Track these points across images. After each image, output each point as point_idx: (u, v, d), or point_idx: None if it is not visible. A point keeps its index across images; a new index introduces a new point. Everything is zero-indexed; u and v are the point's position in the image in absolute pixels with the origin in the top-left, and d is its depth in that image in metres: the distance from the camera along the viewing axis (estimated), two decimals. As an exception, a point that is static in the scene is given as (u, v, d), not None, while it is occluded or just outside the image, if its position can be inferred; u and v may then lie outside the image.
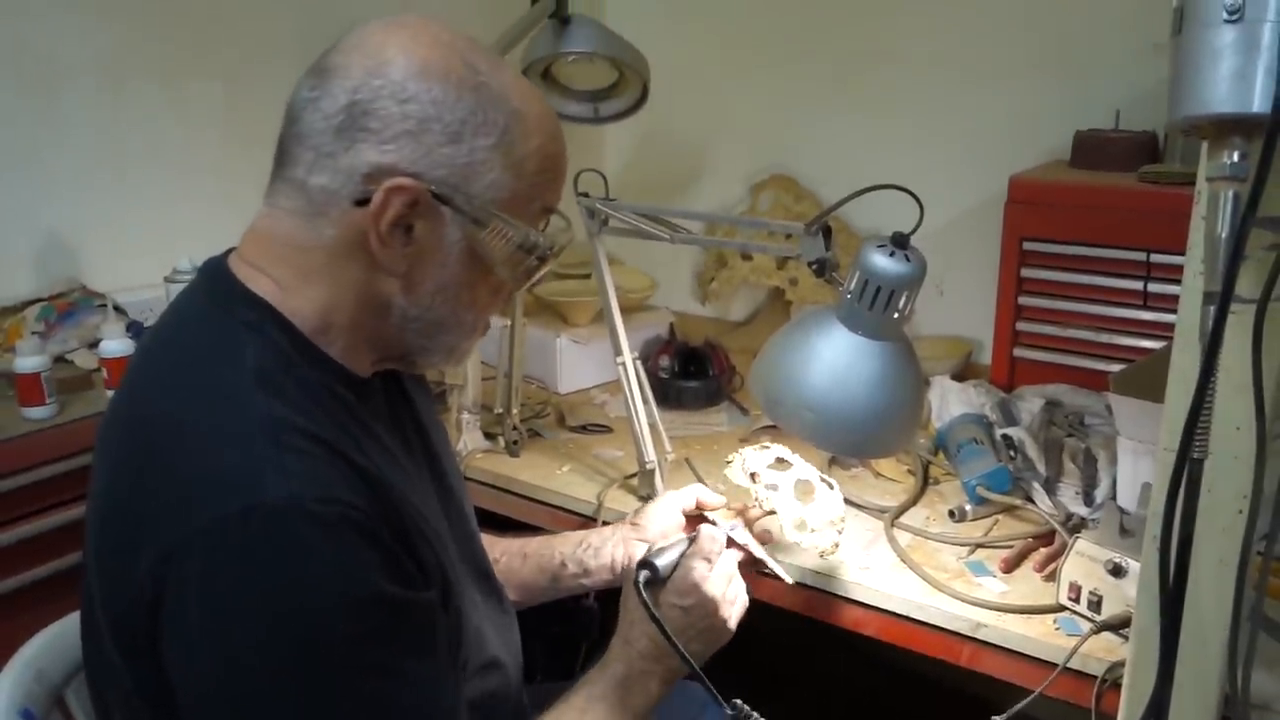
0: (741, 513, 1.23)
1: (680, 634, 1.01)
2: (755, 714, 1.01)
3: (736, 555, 1.13)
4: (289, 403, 0.77)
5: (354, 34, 0.81)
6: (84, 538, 0.84)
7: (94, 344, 1.59)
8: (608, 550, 1.21)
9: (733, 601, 1.08)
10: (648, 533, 1.21)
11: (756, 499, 1.22)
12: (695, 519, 1.23)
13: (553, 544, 1.23)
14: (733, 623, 1.08)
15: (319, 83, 0.79)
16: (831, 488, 1.25)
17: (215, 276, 0.85)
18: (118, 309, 1.65)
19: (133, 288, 1.72)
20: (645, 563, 1.06)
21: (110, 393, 1.47)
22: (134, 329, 1.60)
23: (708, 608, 1.05)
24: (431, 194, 0.79)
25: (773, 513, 1.21)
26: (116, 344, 1.50)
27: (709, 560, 1.07)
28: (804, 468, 1.26)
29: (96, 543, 0.80)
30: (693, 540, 1.10)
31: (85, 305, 1.66)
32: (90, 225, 1.72)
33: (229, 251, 0.87)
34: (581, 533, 1.25)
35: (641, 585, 1.03)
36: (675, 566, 1.07)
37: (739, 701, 1.02)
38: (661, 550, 1.09)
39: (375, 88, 0.78)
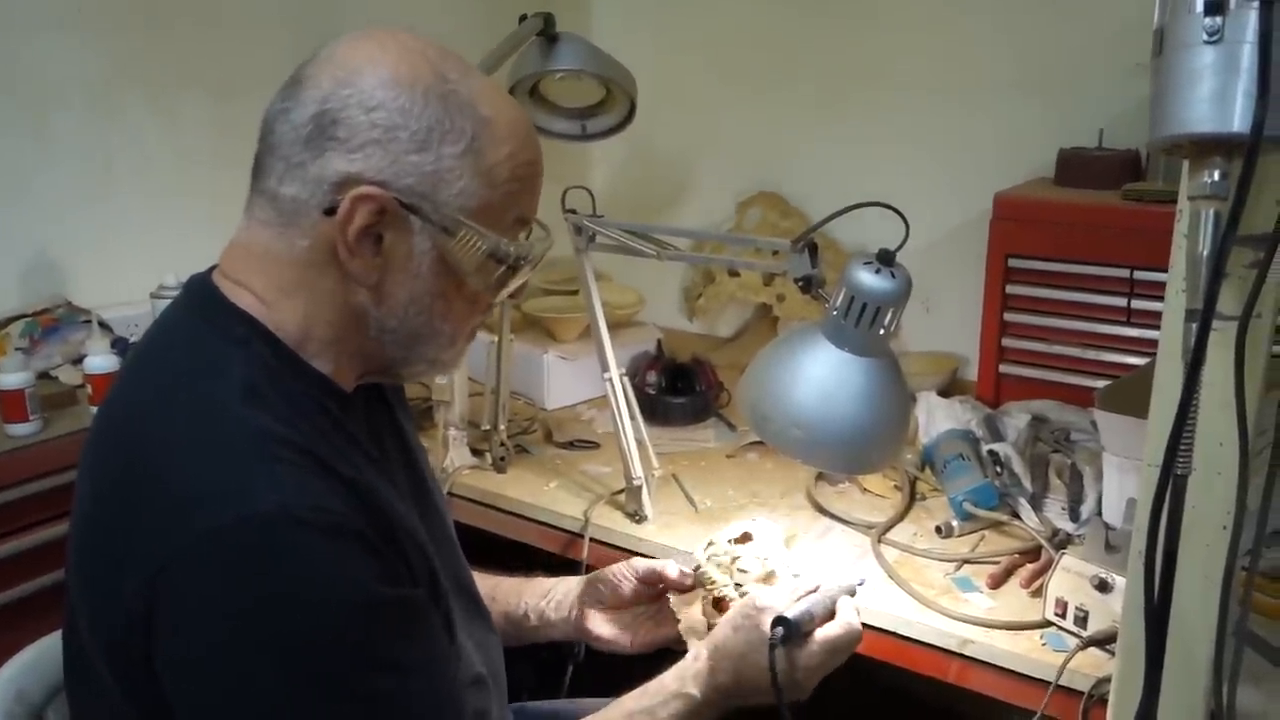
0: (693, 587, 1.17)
1: (783, 690, 0.99)
2: None
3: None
4: (276, 416, 0.77)
5: (325, 48, 0.82)
6: (67, 557, 0.83)
7: (78, 360, 1.58)
8: (568, 605, 1.18)
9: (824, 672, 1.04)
10: (607, 600, 1.17)
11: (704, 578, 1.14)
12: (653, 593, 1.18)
13: (521, 591, 1.21)
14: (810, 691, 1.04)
15: (291, 94, 0.80)
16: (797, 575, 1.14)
17: (199, 292, 0.85)
18: (103, 325, 1.64)
19: (118, 304, 1.71)
20: (781, 619, 1.00)
21: (95, 409, 1.47)
22: (119, 345, 1.59)
23: (809, 681, 1.02)
24: (398, 202, 0.79)
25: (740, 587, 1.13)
26: (101, 360, 1.50)
27: (837, 646, 1.02)
28: (765, 546, 1.17)
29: (81, 562, 0.80)
30: (832, 605, 1.04)
31: (70, 321, 1.65)
32: (76, 241, 1.71)
33: (213, 268, 0.87)
34: (551, 581, 1.22)
35: (778, 643, 0.98)
36: (810, 621, 1.02)
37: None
38: (800, 600, 1.03)
39: (343, 97, 0.78)
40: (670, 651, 1.11)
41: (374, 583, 0.74)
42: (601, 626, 1.17)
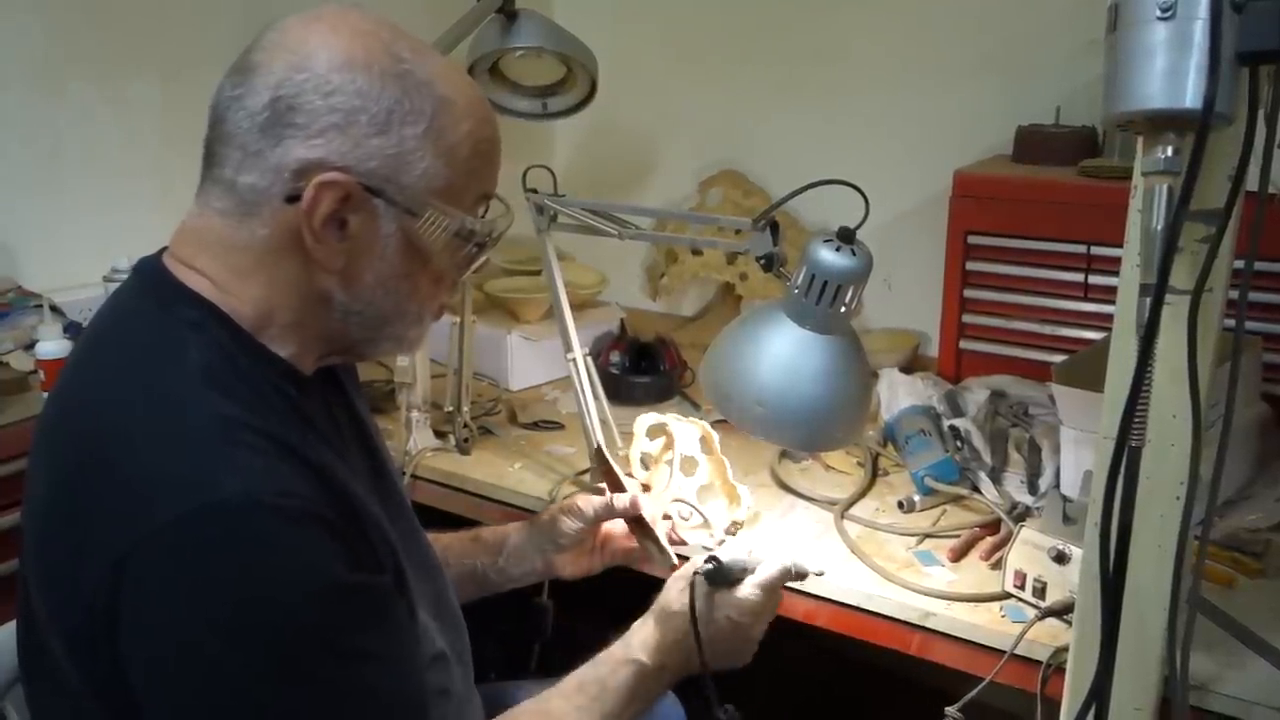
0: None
1: (713, 641, 1.03)
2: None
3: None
4: (236, 400, 0.76)
5: (273, 30, 0.80)
6: (21, 547, 0.81)
7: (30, 345, 1.55)
8: (525, 556, 1.22)
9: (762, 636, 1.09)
10: (566, 545, 1.22)
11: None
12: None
13: (473, 552, 1.22)
14: (750, 655, 1.09)
15: (241, 81, 0.79)
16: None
17: (151, 275, 0.83)
18: (54, 309, 1.61)
19: (70, 287, 1.68)
20: (714, 558, 1.04)
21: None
22: (71, 330, 1.56)
23: (750, 634, 1.06)
24: (363, 187, 0.78)
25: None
26: (54, 345, 1.47)
27: (776, 592, 1.07)
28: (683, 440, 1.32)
29: (39, 553, 0.78)
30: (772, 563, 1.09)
31: (21, 306, 1.62)
32: (26, 225, 1.67)
33: (163, 250, 0.85)
34: (498, 538, 1.23)
35: (701, 580, 1.03)
36: (742, 571, 1.06)
37: (730, 707, 1.03)
38: (730, 550, 1.08)
39: (298, 82, 0.77)
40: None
41: (340, 569, 0.74)
42: (567, 567, 1.23)
